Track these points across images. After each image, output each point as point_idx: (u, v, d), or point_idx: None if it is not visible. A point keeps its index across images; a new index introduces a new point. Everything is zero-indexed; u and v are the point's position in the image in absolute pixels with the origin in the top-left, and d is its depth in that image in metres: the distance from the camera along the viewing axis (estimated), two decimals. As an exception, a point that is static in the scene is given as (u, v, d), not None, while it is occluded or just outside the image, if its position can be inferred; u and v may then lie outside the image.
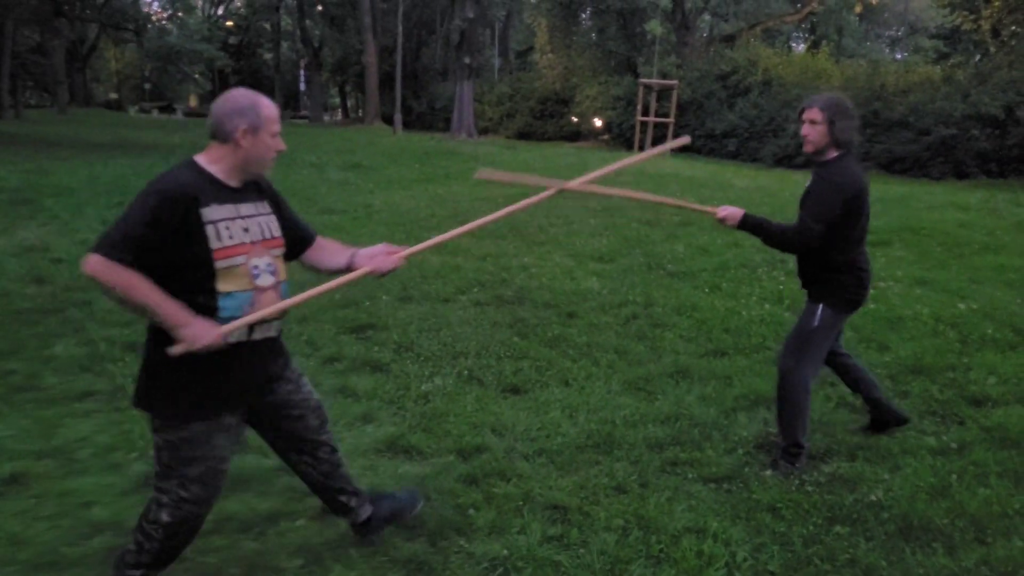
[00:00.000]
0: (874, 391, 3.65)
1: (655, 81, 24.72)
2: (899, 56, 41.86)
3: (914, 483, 3.20)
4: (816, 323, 3.28)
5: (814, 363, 3.36)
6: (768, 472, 3.32)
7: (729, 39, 31.35)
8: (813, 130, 3.19)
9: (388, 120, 34.48)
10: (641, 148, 22.63)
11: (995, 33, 22.40)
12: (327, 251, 2.56)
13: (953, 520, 2.94)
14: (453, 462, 3.38)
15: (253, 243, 2.24)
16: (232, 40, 52.29)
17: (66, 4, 24.18)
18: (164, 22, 44.64)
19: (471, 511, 2.96)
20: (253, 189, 2.33)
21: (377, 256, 2.48)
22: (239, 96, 2.25)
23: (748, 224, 3.24)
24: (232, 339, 2.19)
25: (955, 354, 4.86)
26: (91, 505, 2.95)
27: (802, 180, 15.21)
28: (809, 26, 37.42)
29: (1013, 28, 21.26)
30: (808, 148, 3.25)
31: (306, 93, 47.45)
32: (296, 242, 2.48)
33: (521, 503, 3.03)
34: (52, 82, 34.83)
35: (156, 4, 46.32)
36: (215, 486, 2.32)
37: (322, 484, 2.64)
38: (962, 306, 5.91)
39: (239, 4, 51.59)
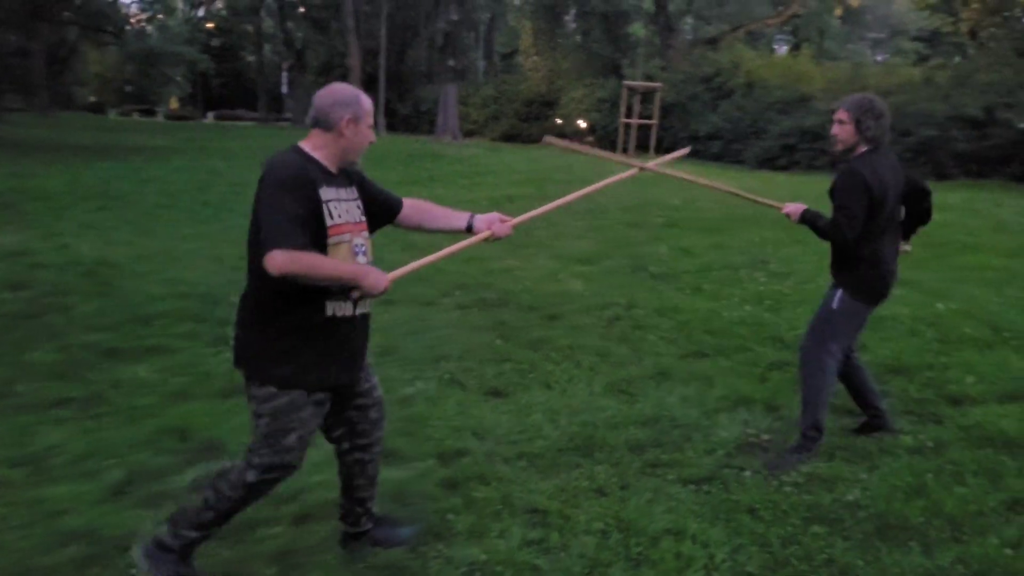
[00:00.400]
0: (877, 400, 3.71)
1: (639, 83, 24.79)
2: (881, 58, 42.25)
3: (891, 482, 3.22)
4: (835, 305, 3.40)
5: (834, 346, 3.42)
6: (748, 473, 3.33)
7: (712, 42, 31.46)
8: (841, 129, 3.35)
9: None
10: (624, 150, 22.67)
11: (973, 35, 22.68)
12: (433, 213, 2.72)
13: (929, 519, 2.96)
14: (433, 466, 3.36)
15: (353, 223, 2.40)
16: (214, 42, 51.89)
17: (43, 5, 23.82)
18: (144, 24, 44.17)
19: (451, 516, 2.94)
20: (344, 176, 2.46)
21: (494, 222, 2.66)
22: (342, 89, 2.41)
23: (805, 218, 3.43)
24: (336, 312, 2.34)
25: (933, 353, 4.90)
26: (64, 514, 2.90)
27: (785, 181, 15.21)
28: (791, 29, 37.68)
29: (991, 30, 21.52)
30: (838, 147, 3.40)
31: (289, 95, 47.15)
32: (384, 210, 2.62)
33: (501, 507, 3.02)
34: (33, 85, 34.40)
35: (135, 6, 45.76)
36: (301, 457, 2.41)
37: (356, 492, 2.66)
38: (941, 306, 5.96)
39: (220, 6, 51.18)
